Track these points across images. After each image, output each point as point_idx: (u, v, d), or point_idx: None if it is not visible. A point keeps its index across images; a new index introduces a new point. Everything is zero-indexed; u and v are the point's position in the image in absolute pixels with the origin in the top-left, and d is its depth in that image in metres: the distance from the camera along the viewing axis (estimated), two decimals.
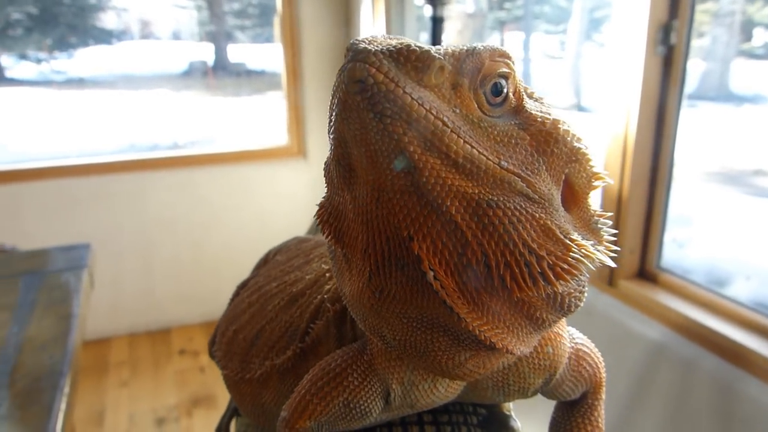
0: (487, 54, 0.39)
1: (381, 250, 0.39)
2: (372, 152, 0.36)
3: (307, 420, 0.47)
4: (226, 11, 4.50)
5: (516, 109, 0.40)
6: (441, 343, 0.41)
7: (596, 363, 0.54)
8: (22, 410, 0.96)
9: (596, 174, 0.44)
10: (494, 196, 0.37)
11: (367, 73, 0.34)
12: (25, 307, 1.26)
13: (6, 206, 2.68)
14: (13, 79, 3.79)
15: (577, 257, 0.40)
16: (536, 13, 2.97)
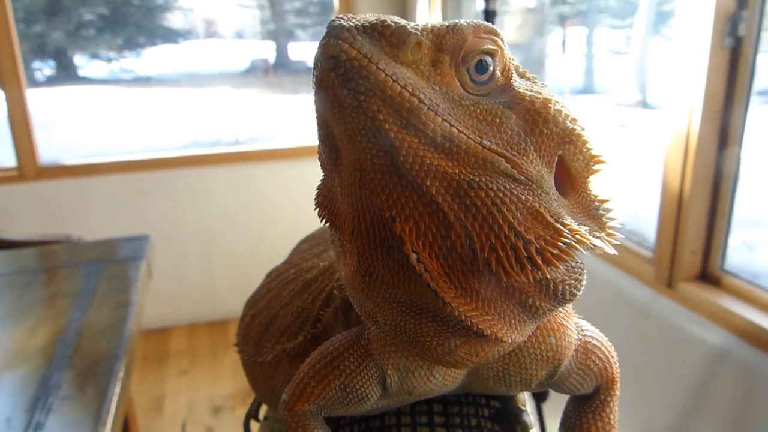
0: (470, 30, 0.37)
1: (366, 232, 0.38)
2: (350, 130, 0.35)
3: (305, 403, 0.47)
4: (287, 10, 4.57)
5: (503, 87, 0.39)
6: (430, 328, 0.40)
7: (607, 357, 0.52)
8: (80, 392, 1.00)
9: (595, 157, 0.43)
10: (476, 177, 0.36)
11: (340, 48, 0.33)
12: (85, 294, 1.32)
13: (76, 199, 2.81)
14: (85, 78, 3.97)
15: (568, 242, 0.39)
16: (601, 7, 2.89)
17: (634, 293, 1.58)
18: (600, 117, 2.82)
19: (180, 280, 2.92)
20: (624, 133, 2.71)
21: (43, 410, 0.95)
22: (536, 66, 2.81)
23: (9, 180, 2.74)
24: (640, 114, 2.57)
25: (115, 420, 0.96)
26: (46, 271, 1.50)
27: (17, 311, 1.29)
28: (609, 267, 1.68)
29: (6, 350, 1.15)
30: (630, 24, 2.67)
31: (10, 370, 1.08)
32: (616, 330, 1.62)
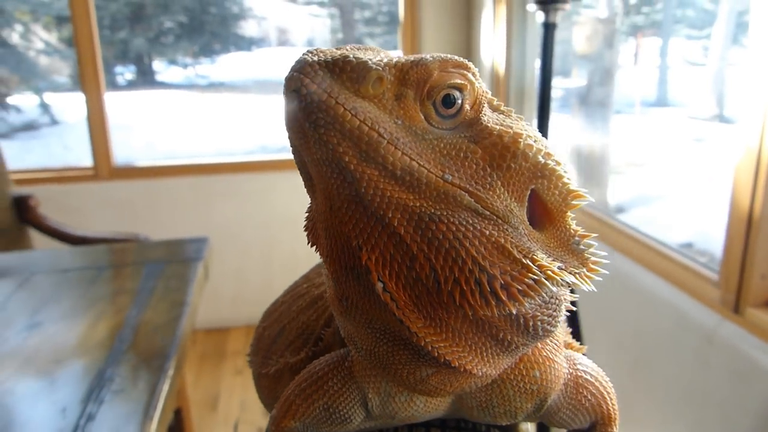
0: (436, 65, 0.37)
1: (338, 258, 0.39)
2: (316, 161, 0.36)
3: (291, 419, 0.48)
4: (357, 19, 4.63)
5: (472, 121, 0.38)
6: (402, 356, 0.41)
7: (601, 393, 0.49)
8: (132, 386, 1.04)
9: (573, 192, 0.41)
10: (437, 210, 0.36)
11: (301, 83, 0.34)
12: (144, 292, 1.38)
13: (146, 199, 2.94)
14: (163, 83, 4.15)
15: (537, 278, 0.38)
16: (677, 17, 2.78)
17: (697, 317, 1.51)
18: (673, 131, 2.72)
19: (241, 281, 3.00)
20: (699, 147, 2.60)
21: (95, 402, 1.00)
22: (605, 78, 2.74)
23: (85, 179, 2.89)
24: (717, 128, 2.46)
25: (162, 416, 1.00)
26: (111, 268, 1.57)
27: (82, 305, 1.36)
28: (671, 289, 1.61)
29: (69, 342, 1.21)
30: (708, 34, 2.57)
31: (70, 361, 1.13)
32: (677, 355, 1.55)
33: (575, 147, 2.86)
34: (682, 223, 2.27)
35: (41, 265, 1.62)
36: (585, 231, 0.43)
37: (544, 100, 1.42)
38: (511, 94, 2.67)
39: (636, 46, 2.91)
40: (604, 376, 0.51)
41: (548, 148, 0.40)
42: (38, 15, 3.92)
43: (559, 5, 1.30)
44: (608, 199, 2.77)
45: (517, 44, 2.58)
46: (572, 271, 0.41)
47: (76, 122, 3.22)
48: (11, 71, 3.98)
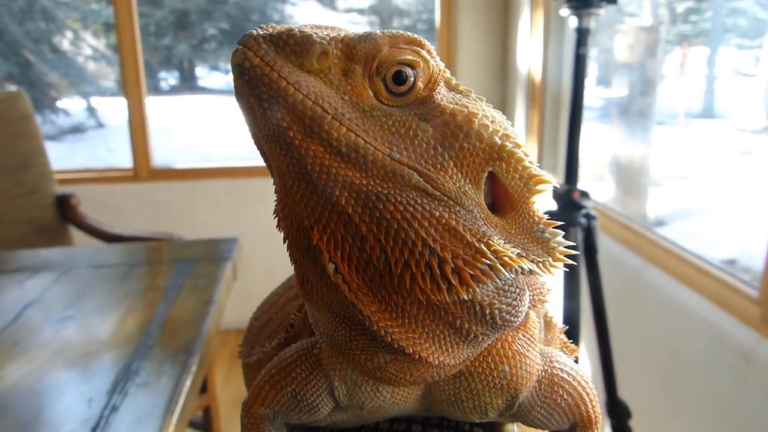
0: (385, 40, 0.36)
1: (294, 239, 0.38)
2: (265, 137, 0.35)
3: (260, 406, 0.47)
4: (395, 27, 4.65)
5: (425, 99, 0.37)
6: (359, 342, 0.39)
7: (579, 394, 0.46)
8: (156, 380, 1.06)
9: (535, 176, 0.39)
10: (384, 189, 0.35)
11: (244, 56, 0.33)
12: (173, 290, 1.40)
13: (182, 200, 3.00)
14: (204, 88, 4.24)
15: (491, 263, 0.36)
16: (727, 26, 2.71)
17: (735, 335, 1.46)
18: (719, 143, 2.65)
19: (271, 283, 2.98)
20: (746, 161, 2.52)
21: (120, 394, 1.02)
22: (647, 88, 2.68)
23: (125, 180, 2.97)
24: (766, 141, 2.39)
25: (183, 411, 1.01)
26: (143, 266, 1.60)
27: (113, 300, 1.39)
28: (708, 304, 1.56)
29: (99, 335, 1.24)
30: (760, 44, 2.49)
31: (99, 354, 1.16)
32: (712, 374, 1.50)
33: (614, 158, 2.81)
34: (726, 238, 2.20)
35: (78, 260, 1.66)
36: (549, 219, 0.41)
37: (576, 106, 1.40)
38: (547, 100, 2.64)
39: (682, 56, 2.85)
40: (585, 376, 0.48)
41: (507, 131, 0.39)
42: (87, 22, 4.06)
43: (593, 10, 1.28)
44: (647, 212, 2.71)
45: (554, 51, 2.55)
46: (534, 259, 0.39)
47: (120, 125, 3.32)
48: (61, 76, 4.12)
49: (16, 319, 1.29)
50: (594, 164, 2.92)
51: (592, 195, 1.50)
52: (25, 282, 1.49)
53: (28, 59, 3.78)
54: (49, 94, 4.06)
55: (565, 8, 1.33)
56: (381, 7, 4.57)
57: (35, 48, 3.79)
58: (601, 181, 2.79)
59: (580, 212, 1.42)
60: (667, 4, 2.74)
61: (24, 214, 2.21)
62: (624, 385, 1.65)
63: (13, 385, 1.06)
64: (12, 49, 3.66)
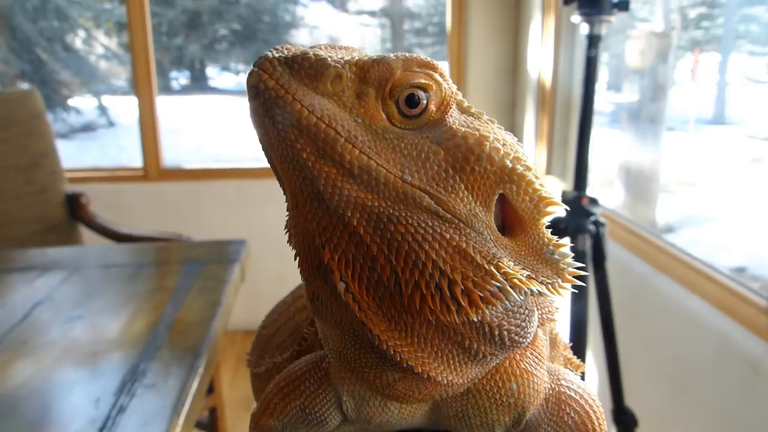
0: (398, 64, 0.36)
1: (306, 257, 0.39)
2: (279, 157, 0.36)
3: (269, 418, 0.48)
4: (407, 29, 4.65)
5: (437, 122, 0.37)
6: (368, 359, 0.40)
7: (586, 412, 0.47)
8: (163, 381, 1.06)
9: (545, 199, 0.40)
10: (396, 211, 0.36)
11: (260, 78, 0.34)
12: (181, 291, 1.41)
13: (191, 201, 3.01)
14: (215, 88, 4.26)
15: (501, 286, 0.37)
16: (739, 32, 2.70)
17: (743, 345, 1.44)
18: (729, 150, 2.63)
19: (280, 285, 3.01)
20: (757, 168, 2.50)
21: (128, 394, 1.02)
22: (658, 93, 2.67)
23: (135, 179, 2.98)
24: None
25: (190, 413, 1.01)
26: (152, 266, 1.61)
27: (121, 300, 1.40)
28: (716, 313, 1.55)
29: (106, 335, 1.24)
30: None
31: (107, 354, 1.17)
32: (720, 383, 1.49)
33: (624, 163, 2.79)
34: (735, 246, 2.18)
35: (87, 259, 1.67)
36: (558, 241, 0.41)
37: (586, 112, 1.40)
38: (558, 106, 2.64)
39: (693, 62, 2.84)
40: (592, 394, 0.48)
41: (518, 153, 0.39)
42: (100, 21, 4.09)
43: (604, 17, 1.27)
44: (656, 219, 2.70)
45: (564, 56, 2.54)
46: (543, 280, 0.39)
47: (130, 124, 3.33)
48: (73, 75, 4.15)
49: (25, 318, 1.30)
50: (603, 170, 2.91)
51: (602, 201, 1.49)
52: (35, 281, 1.50)
53: (41, 57, 3.81)
54: (60, 92, 4.09)
55: (577, 15, 1.32)
56: (392, 10, 4.57)
57: (48, 46, 3.82)
58: (610, 186, 2.78)
59: (589, 219, 1.42)
60: (679, 9, 2.73)
61: (34, 213, 2.23)
62: (631, 393, 1.64)
63: (21, 384, 1.06)
64: (25, 47, 3.69)
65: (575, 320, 1.45)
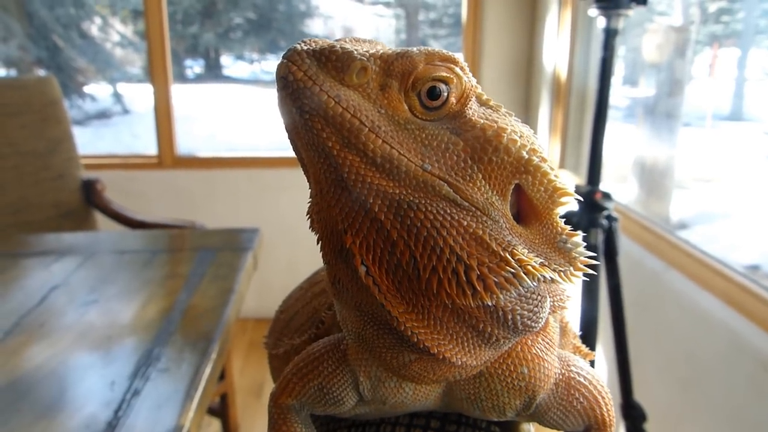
0: (421, 57, 0.38)
1: (328, 242, 0.40)
2: (305, 145, 0.38)
3: (287, 397, 0.50)
4: (422, 20, 4.64)
5: (457, 114, 0.39)
6: (386, 340, 0.42)
7: (594, 397, 0.49)
8: (176, 366, 1.08)
9: (560, 189, 0.41)
10: (416, 198, 0.37)
11: (288, 69, 0.36)
12: (195, 278, 1.42)
13: (205, 188, 3.03)
14: (229, 77, 4.27)
15: (515, 272, 0.38)
16: (760, 27, 2.67)
17: (754, 341, 1.44)
18: (747, 146, 2.61)
19: (291, 272, 3.04)
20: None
21: (142, 378, 1.04)
22: (675, 88, 2.65)
23: (149, 167, 3.01)
24: None
25: (203, 397, 1.03)
26: (165, 253, 1.63)
27: (135, 286, 1.42)
28: (727, 309, 1.55)
29: (121, 320, 1.26)
30: None
31: (121, 338, 1.18)
32: (730, 380, 1.49)
33: (638, 158, 2.78)
34: (750, 243, 2.17)
35: (102, 245, 1.69)
36: (572, 230, 0.43)
37: (601, 107, 1.39)
38: (573, 100, 2.62)
39: (712, 57, 2.81)
40: (601, 380, 0.50)
41: (534, 145, 0.41)
42: (116, 9, 4.10)
43: (622, 11, 1.26)
44: (670, 214, 2.68)
45: (580, 49, 2.53)
46: (556, 268, 0.41)
47: (145, 112, 3.36)
48: (89, 62, 4.17)
49: (41, 302, 1.32)
50: (618, 165, 2.90)
51: (615, 196, 1.49)
52: (51, 265, 1.52)
53: (57, 44, 3.83)
54: (76, 79, 4.12)
55: (594, 8, 1.32)
56: (407, 0, 4.55)
57: (64, 33, 3.84)
58: (624, 182, 2.77)
59: (601, 213, 1.41)
60: (699, 3, 2.70)
61: (50, 198, 2.26)
62: (640, 388, 1.64)
63: (38, 366, 1.08)
64: (42, 34, 3.72)
65: (586, 313, 1.45)
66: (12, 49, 3.67)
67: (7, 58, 3.70)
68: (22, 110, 2.21)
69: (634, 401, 1.56)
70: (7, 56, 3.70)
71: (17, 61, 3.74)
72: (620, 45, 3.13)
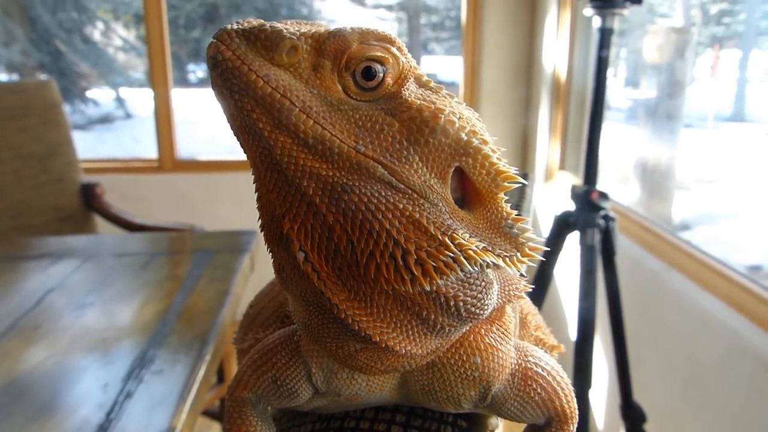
0: (355, 37, 0.37)
1: (269, 228, 0.39)
2: (238, 127, 0.37)
3: (243, 390, 0.49)
4: (423, 23, 4.64)
5: (393, 95, 0.38)
6: (331, 329, 0.41)
7: (553, 388, 0.47)
8: (170, 368, 1.07)
9: (502, 172, 0.40)
10: (350, 181, 0.36)
11: (217, 50, 0.35)
12: (191, 280, 1.42)
13: (205, 192, 3.03)
14: None
15: (455, 256, 0.37)
16: (761, 28, 2.66)
17: (755, 342, 1.43)
18: (748, 147, 2.60)
19: None
20: None
21: (135, 380, 1.03)
22: (676, 89, 2.64)
23: (150, 170, 3.01)
24: None
25: (196, 400, 1.02)
26: (163, 255, 1.63)
27: (133, 288, 1.41)
28: (728, 310, 1.54)
29: (116, 322, 1.26)
30: None
31: (117, 341, 1.18)
32: (730, 380, 1.48)
33: (640, 160, 2.77)
34: (752, 244, 2.16)
35: (100, 248, 1.70)
36: (517, 215, 0.42)
37: (597, 106, 1.39)
38: (572, 101, 2.62)
39: (713, 58, 2.81)
40: (561, 372, 0.49)
41: (474, 127, 0.40)
42: (118, 13, 4.12)
43: (617, 10, 1.26)
44: (672, 215, 2.67)
45: (580, 50, 2.52)
46: (500, 253, 0.40)
47: (147, 116, 3.37)
48: (91, 66, 4.19)
49: (38, 304, 1.32)
50: (620, 166, 2.89)
51: (617, 197, 1.48)
52: (49, 268, 1.52)
53: (60, 49, 3.85)
54: (79, 83, 4.14)
55: (589, 8, 1.31)
56: (409, 4, 4.56)
57: (67, 38, 3.86)
58: (626, 183, 2.76)
59: (598, 213, 1.41)
60: (700, 5, 2.69)
61: (50, 202, 2.26)
62: (640, 389, 1.63)
63: (33, 368, 1.08)
64: (44, 39, 3.74)
65: (583, 314, 1.44)
66: (14, 54, 3.69)
67: (10, 62, 3.72)
68: (21, 114, 2.22)
69: (633, 402, 1.55)
70: (10, 61, 3.72)
71: (20, 65, 3.76)
72: (622, 46, 3.13)
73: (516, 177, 0.41)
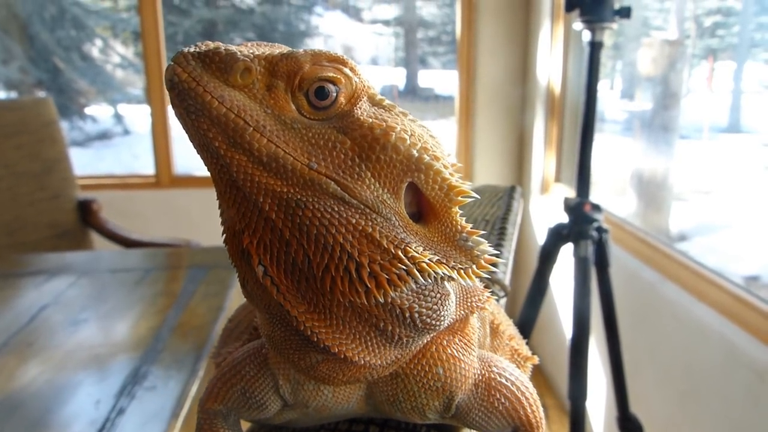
0: (307, 58, 0.39)
1: (231, 243, 0.41)
2: (196, 145, 0.39)
3: (213, 402, 0.50)
4: (420, 38, 4.67)
5: (346, 113, 0.39)
6: (293, 341, 0.42)
7: (517, 398, 0.48)
8: (163, 385, 1.07)
9: (455, 187, 0.41)
10: (304, 197, 0.38)
11: (174, 72, 0.36)
12: (185, 295, 1.42)
13: (202, 207, 3.03)
14: None
15: (407, 269, 0.39)
16: (755, 40, 2.68)
17: (751, 352, 1.43)
18: (744, 158, 2.61)
19: None
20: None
21: (128, 397, 1.03)
22: (671, 101, 2.66)
23: (147, 186, 3.02)
24: None
25: (189, 416, 1.02)
26: (157, 271, 1.63)
27: (127, 304, 1.42)
28: (724, 321, 1.53)
29: (110, 339, 1.26)
30: None
31: (110, 357, 1.18)
32: (727, 391, 1.47)
33: (636, 171, 2.78)
34: (749, 254, 2.16)
35: (95, 264, 1.70)
36: (470, 228, 0.43)
37: (588, 119, 1.40)
38: (567, 114, 2.63)
39: (708, 70, 2.83)
40: (525, 382, 0.50)
41: (426, 144, 0.41)
42: (117, 31, 4.15)
43: (606, 24, 1.27)
44: (669, 227, 2.68)
45: (573, 63, 2.54)
46: (455, 266, 0.41)
47: (146, 132, 3.38)
48: (90, 83, 4.21)
49: (31, 321, 1.32)
50: (616, 178, 2.90)
51: (614, 209, 1.49)
52: (43, 284, 1.53)
53: (58, 66, 3.88)
54: (77, 100, 4.16)
55: (579, 22, 1.33)
56: (406, 19, 4.60)
57: (65, 55, 3.89)
58: (623, 195, 2.77)
59: (591, 225, 1.41)
60: (694, 18, 2.72)
61: (46, 218, 2.27)
62: (637, 400, 1.63)
63: (26, 385, 1.08)
64: (43, 56, 3.76)
65: (578, 325, 1.44)
66: (13, 72, 3.71)
67: (8, 80, 3.74)
68: (17, 131, 2.23)
69: (630, 413, 1.54)
70: (8, 78, 3.74)
71: (18, 83, 3.78)
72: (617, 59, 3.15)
73: (469, 192, 0.42)
